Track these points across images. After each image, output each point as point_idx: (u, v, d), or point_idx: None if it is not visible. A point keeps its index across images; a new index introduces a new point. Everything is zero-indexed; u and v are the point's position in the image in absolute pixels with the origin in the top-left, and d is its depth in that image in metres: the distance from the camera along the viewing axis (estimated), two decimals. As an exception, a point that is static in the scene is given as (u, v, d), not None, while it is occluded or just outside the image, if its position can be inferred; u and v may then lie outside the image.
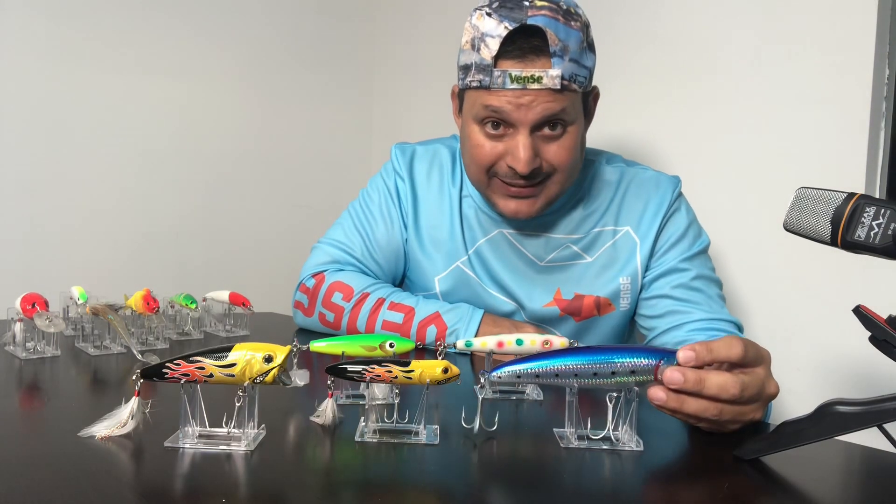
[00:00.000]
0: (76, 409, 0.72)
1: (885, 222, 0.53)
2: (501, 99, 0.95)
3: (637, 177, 1.12)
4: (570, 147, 1.00)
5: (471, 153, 1.03)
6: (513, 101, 0.95)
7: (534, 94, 0.94)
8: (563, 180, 1.02)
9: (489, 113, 0.97)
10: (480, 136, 1.01)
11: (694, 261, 1.09)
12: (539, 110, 0.95)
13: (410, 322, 1.05)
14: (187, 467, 0.55)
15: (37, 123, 1.70)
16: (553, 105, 0.95)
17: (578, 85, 0.96)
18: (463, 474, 0.57)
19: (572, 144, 1.00)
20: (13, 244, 1.68)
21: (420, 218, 1.15)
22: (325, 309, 1.12)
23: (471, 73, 0.97)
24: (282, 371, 0.59)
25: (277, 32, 2.06)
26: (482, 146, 1.01)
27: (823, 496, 0.56)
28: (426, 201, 1.16)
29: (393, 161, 1.19)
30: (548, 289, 1.10)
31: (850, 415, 0.53)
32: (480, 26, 0.95)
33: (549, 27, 0.92)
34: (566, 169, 1.01)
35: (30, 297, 0.93)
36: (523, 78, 0.93)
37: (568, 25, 0.93)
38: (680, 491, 0.56)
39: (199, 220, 1.95)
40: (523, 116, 0.95)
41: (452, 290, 1.13)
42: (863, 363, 1.19)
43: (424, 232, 1.15)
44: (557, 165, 1.00)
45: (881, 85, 1.20)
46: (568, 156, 1.00)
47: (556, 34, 0.92)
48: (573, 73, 0.95)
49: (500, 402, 0.77)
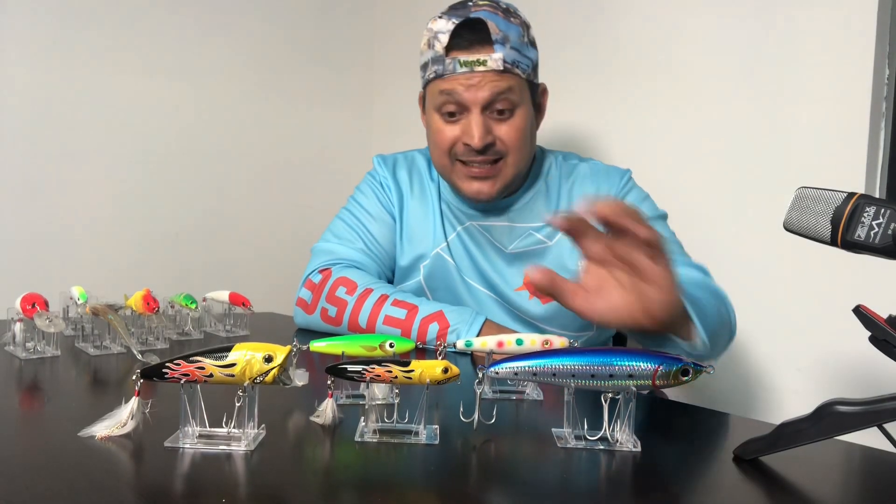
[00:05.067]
0: (76, 409, 0.72)
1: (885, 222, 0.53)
2: (454, 83, 1.08)
3: (591, 168, 1.22)
4: (520, 128, 1.11)
5: (433, 140, 1.15)
6: (463, 83, 1.07)
7: (481, 76, 1.07)
8: (516, 161, 1.12)
9: (445, 98, 1.09)
10: (440, 122, 1.13)
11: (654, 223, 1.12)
12: (487, 89, 1.07)
13: (413, 318, 1.06)
14: (187, 467, 0.55)
15: (37, 124, 1.70)
16: (499, 83, 1.07)
17: (521, 71, 1.09)
18: (463, 474, 0.57)
19: (521, 126, 1.11)
20: (13, 244, 1.68)
21: (405, 212, 1.26)
22: (328, 304, 1.14)
23: (428, 67, 1.11)
24: (282, 371, 0.59)
25: (277, 33, 2.06)
26: (442, 131, 1.13)
27: (823, 496, 0.56)
28: (409, 198, 1.26)
29: (376, 167, 1.31)
30: (517, 273, 1.18)
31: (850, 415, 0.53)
32: (433, 27, 1.09)
33: (490, 19, 1.06)
34: (517, 148, 1.11)
35: (30, 297, 0.93)
36: (470, 62, 1.06)
37: (507, 20, 1.08)
38: (680, 491, 0.56)
39: (200, 220, 1.95)
40: (473, 96, 1.07)
41: (431, 274, 1.21)
42: (863, 363, 1.19)
43: (409, 223, 1.25)
44: (509, 143, 1.11)
45: (881, 85, 1.20)
46: (517, 135, 1.11)
47: (496, 25, 1.06)
48: (515, 59, 1.07)
49: (499, 401, 0.77)
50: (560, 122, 1.67)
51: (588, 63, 1.62)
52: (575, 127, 1.64)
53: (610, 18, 1.58)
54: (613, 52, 1.57)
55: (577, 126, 1.64)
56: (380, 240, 1.24)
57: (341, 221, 1.27)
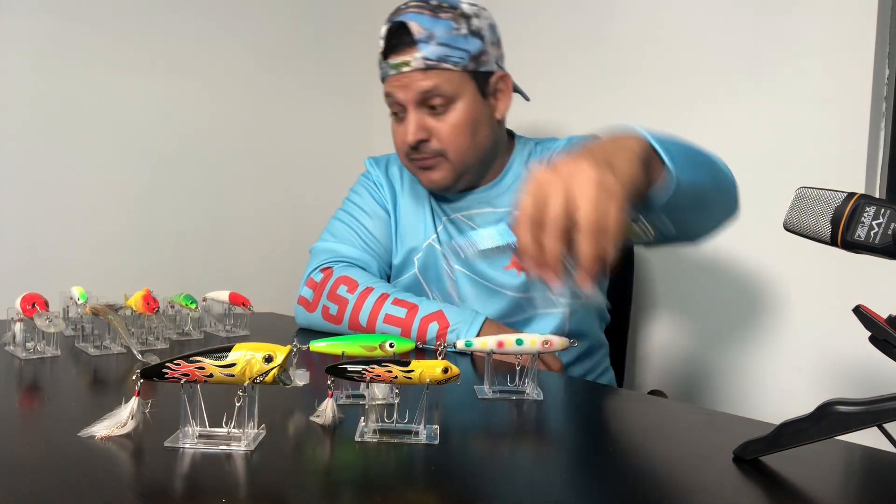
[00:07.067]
0: (76, 409, 0.72)
1: (885, 222, 0.53)
2: (390, 85, 1.14)
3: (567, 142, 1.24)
4: (456, 122, 1.13)
5: (393, 142, 1.21)
6: (395, 85, 1.13)
7: (407, 76, 1.12)
8: (458, 152, 1.15)
9: (389, 100, 1.16)
10: (393, 123, 1.19)
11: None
12: (413, 88, 1.12)
13: (413, 317, 1.07)
14: (187, 467, 0.55)
15: (37, 123, 1.70)
16: (424, 83, 1.11)
17: (453, 64, 1.11)
18: (463, 474, 0.57)
19: (458, 119, 1.13)
20: (13, 244, 1.68)
21: (398, 208, 1.29)
22: (329, 301, 1.16)
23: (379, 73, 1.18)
24: (282, 371, 0.59)
25: (278, 33, 2.06)
26: (394, 131, 1.19)
27: (823, 496, 0.56)
28: (401, 195, 1.30)
29: (369, 168, 1.35)
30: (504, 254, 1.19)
31: (850, 415, 0.53)
32: (381, 33, 1.15)
33: (413, 20, 1.11)
34: (454, 142, 1.14)
35: (30, 297, 0.93)
36: (397, 64, 1.12)
37: (435, 17, 1.11)
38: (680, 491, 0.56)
39: (200, 219, 1.95)
40: (404, 96, 1.13)
41: (424, 265, 1.24)
42: (863, 363, 1.19)
43: (402, 218, 1.28)
44: (444, 138, 1.14)
45: (881, 85, 1.20)
46: (453, 129, 1.14)
47: (420, 25, 1.10)
48: (442, 54, 1.10)
49: (499, 401, 0.77)
50: (560, 122, 1.67)
51: (588, 64, 1.62)
52: (575, 127, 1.64)
53: (610, 19, 1.58)
54: (613, 52, 1.57)
55: (576, 126, 1.64)
56: (377, 236, 1.27)
57: (339, 221, 1.28)
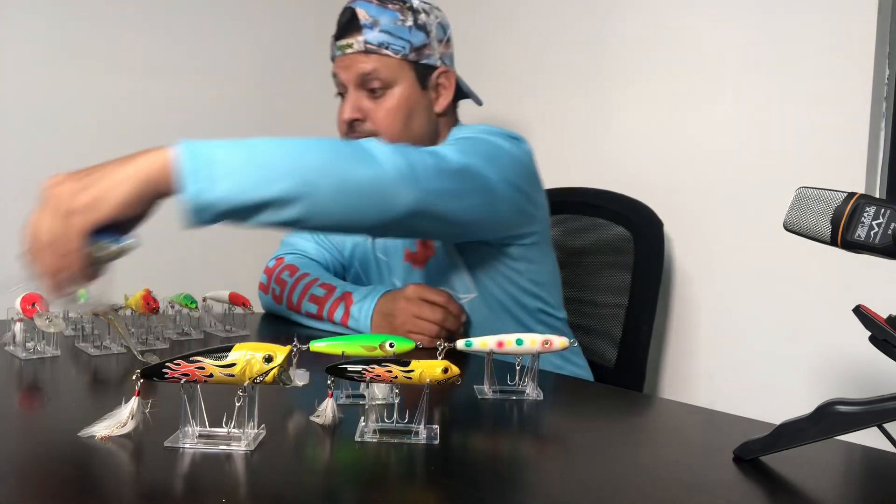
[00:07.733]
0: (76, 409, 0.72)
1: (885, 222, 0.53)
2: (336, 66, 1.20)
3: None
4: (390, 106, 1.18)
5: None
6: (339, 66, 1.19)
7: (350, 58, 1.17)
8: (389, 134, 1.16)
9: (335, 82, 1.21)
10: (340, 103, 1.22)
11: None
12: (354, 70, 1.17)
13: (329, 297, 1.17)
14: (187, 467, 0.55)
15: (36, 123, 1.70)
16: (364, 65, 1.16)
17: (393, 52, 1.16)
18: (463, 474, 0.57)
19: (393, 104, 1.18)
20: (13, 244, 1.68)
21: None
22: (275, 285, 1.27)
23: None
24: (282, 371, 0.59)
25: (278, 33, 2.06)
26: (339, 111, 1.22)
27: (823, 496, 0.56)
28: None
29: None
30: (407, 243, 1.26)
31: (850, 415, 0.53)
32: None
33: (360, 7, 1.16)
34: (387, 125, 1.17)
35: (30, 297, 0.93)
36: (342, 46, 1.18)
37: (382, 6, 1.16)
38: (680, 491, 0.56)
39: (199, 220, 1.94)
40: (345, 76, 1.18)
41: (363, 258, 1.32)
42: (863, 363, 1.19)
43: None
44: (377, 120, 1.18)
45: (881, 85, 1.20)
46: (387, 113, 1.17)
47: (366, 11, 1.16)
48: (383, 41, 1.15)
49: (499, 401, 0.77)
50: (560, 123, 1.67)
51: (588, 64, 1.62)
52: (575, 127, 1.64)
53: (609, 19, 1.58)
54: (613, 52, 1.57)
55: (577, 126, 1.64)
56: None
57: None
